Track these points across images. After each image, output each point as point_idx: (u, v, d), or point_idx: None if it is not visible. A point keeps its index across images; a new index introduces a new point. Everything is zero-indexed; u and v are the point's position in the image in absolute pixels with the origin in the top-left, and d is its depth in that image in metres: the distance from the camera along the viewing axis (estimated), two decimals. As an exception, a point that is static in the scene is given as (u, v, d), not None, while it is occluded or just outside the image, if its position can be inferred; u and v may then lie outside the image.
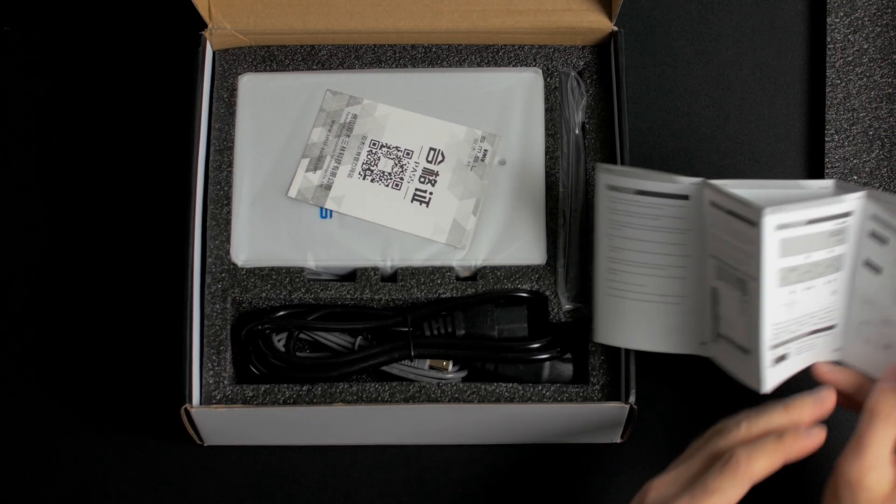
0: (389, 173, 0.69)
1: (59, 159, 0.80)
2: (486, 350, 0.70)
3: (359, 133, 0.68)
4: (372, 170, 0.69)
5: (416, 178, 0.69)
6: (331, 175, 0.69)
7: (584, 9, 0.76)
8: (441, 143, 0.68)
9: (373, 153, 0.68)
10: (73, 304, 0.77)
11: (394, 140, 0.68)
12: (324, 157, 0.68)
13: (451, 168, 0.72)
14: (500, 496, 0.74)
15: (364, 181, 0.69)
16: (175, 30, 0.80)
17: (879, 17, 0.81)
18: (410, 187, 0.69)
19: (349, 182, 0.69)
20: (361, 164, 0.68)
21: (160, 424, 0.74)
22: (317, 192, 0.69)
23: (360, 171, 0.68)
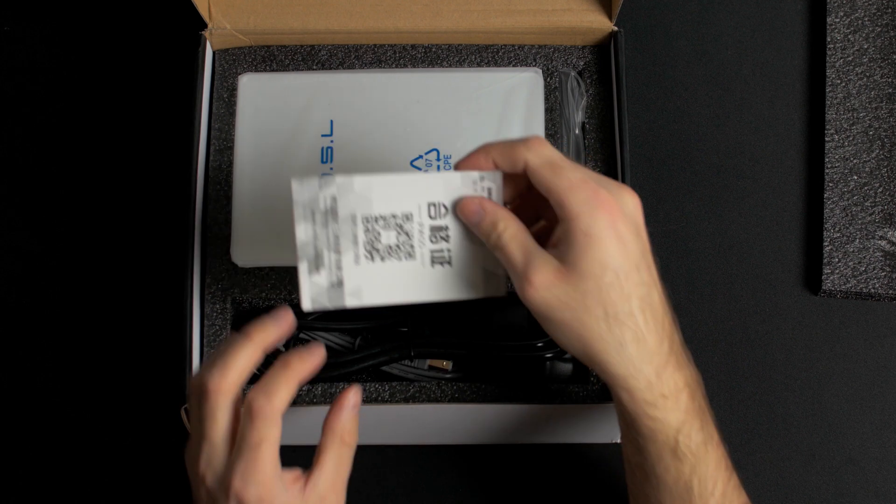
0: (397, 245, 0.61)
1: (59, 159, 0.80)
2: (486, 350, 0.70)
3: (346, 214, 0.59)
4: (377, 248, 0.60)
5: (427, 239, 0.60)
6: (336, 270, 0.60)
7: (584, 9, 0.76)
8: (438, 195, 0.60)
9: (370, 230, 0.60)
10: (72, 304, 0.77)
11: (386, 208, 0.60)
12: (320, 253, 0.60)
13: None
14: (499, 496, 0.74)
15: (374, 263, 0.60)
16: (175, 30, 0.80)
17: (879, 17, 0.81)
18: (424, 252, 0.60)
19: (359, 270, 0.60)
20: (363, 246, 0.60)
21: (160, 424, 0.74)
22: (331, 293, 0.61)
23: (365, 255, 0.60)
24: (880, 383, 0.76)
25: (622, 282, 0.56)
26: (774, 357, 0.76)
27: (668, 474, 0.59)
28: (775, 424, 0.75)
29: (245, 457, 0.56)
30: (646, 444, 0.58)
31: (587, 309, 0.56)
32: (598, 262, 0.55)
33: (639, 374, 0.57)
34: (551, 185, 0.57)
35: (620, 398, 0.58)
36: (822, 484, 0.74)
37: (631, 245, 0.57)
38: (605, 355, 0.57)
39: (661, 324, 0.58)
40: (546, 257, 0.57)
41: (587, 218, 0.55)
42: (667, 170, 0.80)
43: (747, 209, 0.79)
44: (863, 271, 0.76)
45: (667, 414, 0.58)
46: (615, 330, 0.56)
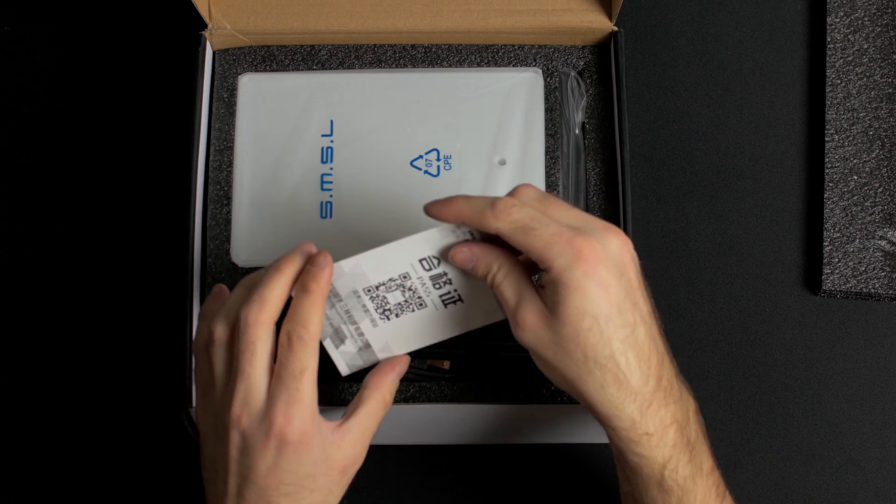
0: (406, 301, 0.62)
1: (59, 159, 0.80)
2: (485, 350, 0.70)
3: (347, 292, 0.61)
4: (388, 309, 0.62)
5: (431, 288, 0.62)
6: (359, 336, 0.63)
7: (584, 9, 0.76)
8: (425, 251, 0.60)
9: (375, 297, 0.62)
10: (72, 304, 0.77)
11: (382, 276, 0.61)
12: (338, 328, 0.62)
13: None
14: (499, 496, 0.74)
15: (391, 321, 0.63)
16: (175, 30, 0.80)
17: (879, 17, 0.81)
18: (434, 298, 0.62)
19: (380, 330, 0.63)
20: (374, 311, 0.62)
21: (160, 424, 0.74)
22: (362, 355, 0.64)
23: (379, 317, 0.62)
24: (880, 383, 0.76)
25: (602, 326, 0.57)
26: (774, 357, 0.76)
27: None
28: (775, 424, 0.75)
29: (288, 387, 0.57)
30: (633, 476, 0.60)
31: (568, 352, 0.57)
32: (575, 309, 0.56)
33: (621, 413, 0.58)
34: (528, 247, 0.58)
35: (607, 432, 0.60)
36: (822, 484, 0.74)
37: (613, 288, 0.57)
38: (587, 395, 0.58)
39: (646, 362, 0.58)
40: (533, 299, 0.58)
41: (565, 271, 0.56)
42: (667, 170, 0.80)
43: (747, 209, 0.79)
44: (863, 271, 0.76)
45: (651, 451, 0.59)
46: (595, 372, 0.57)
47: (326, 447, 0.58)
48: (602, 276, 0.57)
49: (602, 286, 0.57)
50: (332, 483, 0.59)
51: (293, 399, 0.57)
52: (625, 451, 0.59)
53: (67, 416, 0.75)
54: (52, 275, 0.78)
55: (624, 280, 0.58)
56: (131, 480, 0.74)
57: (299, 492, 0.58)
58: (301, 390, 0.57)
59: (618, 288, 0.57)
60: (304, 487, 0.58)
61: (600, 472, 0.74)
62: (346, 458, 0.59)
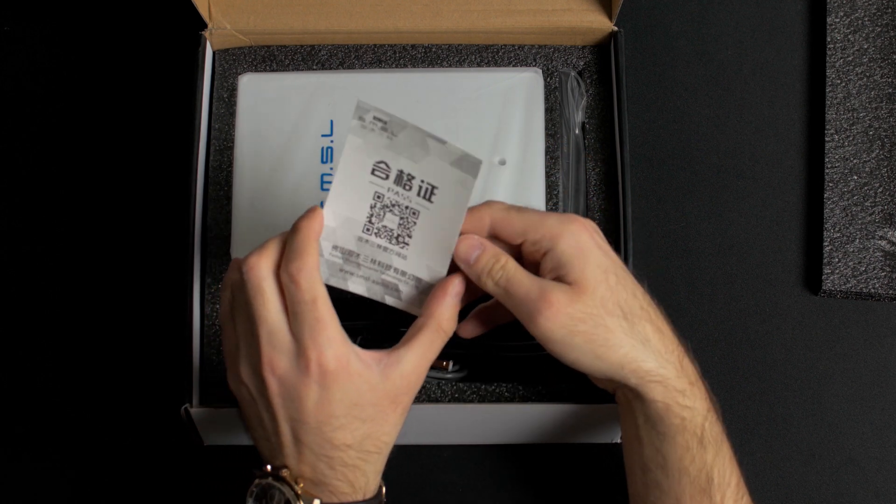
0: (402, 218, 0.62)
1: (60, 159, 0.80)
2: (485, 350, 0.70)
3: (352, 243, 0.61)
4: (398, 234, 0.62)
5: (406, 192, 0.61)
6: (403, 276, 0.63)
7: (584, 9, 0.76)
8: (365, 161, 0.60)
9: (379, 231, 0.61)
10: (72, 304, 0.77)
11: (362, 209, 0.61)
12: (383, 281, 0.62)
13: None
14: (499, 496, 0.74)
15: (411, 244, 0.62)
16: (175, 30, 0.80)
17: (879, 17, 0.81)
18: (418, 201, 0.61)
19: (412, 258, 0.62)
20: (391, 243, 0.62)
21: (160, 424, 0.74)
22: (424, 291, 0.63)
23: (399, 247, 0.62)
24: (880, 383, 0.76)
25: (623, 282, 0.59)
26: (774, 357, 0.76)
27: (692, 465, 0.60)
28: (775, 424, 0.75)
29: (307, 318, 0.56)
30: (676, 436, 0.60)
31: (609, 312, 0.59)
32: (599, 268, 0.59)
33: (667, 363, 0.60)
34: (524, 224, 0.60)
35: (652, 393, 0.60)
36: (822, 484, 0.74)
37: (611, 253, 0.60)
38: (634, 353, 0.59)
39: (666, 318, 0.61)
40: (552, 282, 0.59)
41: (570, 234, 0.59)
42: (667, 170, 0.80)
43: (747, 209, 0.79)
44: (863, 271, 0.76)
45: (696, 401, 0.60)
46: (637, 326, 0.59)
47: (370, 376, 0.57)
48: (599, 241, 0.60)
49: (604, 251, 0.60)
50: (382, 413, 0.58)
51: (317, 328, 0.56)
52: (672, 406, 0.60)
53: (67, 416, 0.75)
54: (52, 275, 0.78)
55: (613, 251, 0.61)
56: (132, 480, 0.74)
57: (351, 423, 0.57)
58: (321, 318, 0.56)
59: (614, 254, 0.61)
60: (355, 418, 0.57)
61: (601, 473, 0.74)
62: (395, 387, 0.58)
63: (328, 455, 0.58)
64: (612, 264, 0.60)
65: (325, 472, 0.58)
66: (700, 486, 0.60)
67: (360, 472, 0.58)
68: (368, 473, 0.59)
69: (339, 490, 0.58)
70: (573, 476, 0.74)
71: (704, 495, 0.60)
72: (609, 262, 0.60)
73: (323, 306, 0.56)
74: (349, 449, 0.58)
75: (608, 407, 0.68)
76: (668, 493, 0.61)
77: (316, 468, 0.58)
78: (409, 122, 0.59)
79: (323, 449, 0.57)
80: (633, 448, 0.63)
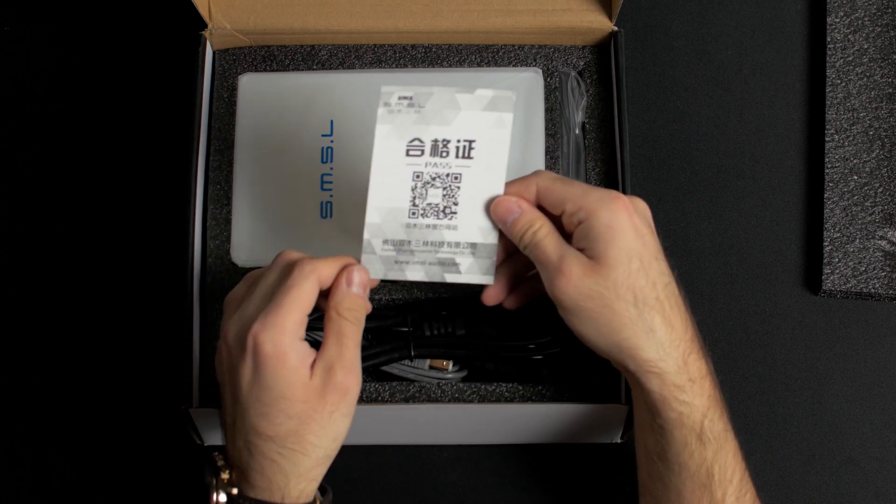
0: (446, 187, 0.62)
1: (59, 159, 0.80)
2: (486, 350, 0.70)
3: (401, 233, 0.62)
4: (444, 206, 0.62)
5: (445, 160, 0.61)
6: (458, 247, 0.63)
7: (584, 9, 0.76)
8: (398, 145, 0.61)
9: (425, 211, 0.62)
10: (72, 304, 0.77)
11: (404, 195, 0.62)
12: (440, 260, 0.63)
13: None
14: (499, 496, 0.74)
15: (459, 212, 0.62)
16: (175, 30, 0.80)
17: (879, 17, 0.81)
18: (458, 163, 0.62)
19: (463, 226, 0.63)
20: (439, 217, 0.62)
21: (160, 424, 0.74)
22: (482, 254, 0.63)
23: (448, 218, 0.62)
24: (880, 383, 0.76)
25: (647, 269, 0.60)
26: (774, 357, 0.76)
27: (692, 460, 0.60)
28: (775, 424, 0.75)
29: (274, 299, 0.57)
30: (673, 430, 0.60)
31: (619, 296, 0.59)
32: (624, 250, 0.59)
33: (668, 357, 0.60)
34: (567, 193, 0.61)
35: (649, 384, 0.60)
36: (822, 484, 0.74)
37: (648, 238, 0.61)
38: (635, 340, 0.59)
39: (684, 312, 0.61)
40: (577, 253, 0.60)
41: (607, 211, 0.59)
42: (667, 170, 0.80)
43: (747, 209, 0.79)
44: (863, 271, 0.76)
45: (694, 398, 0.60)
46: (645, 315, 0.59)
47: (303, 373, 0.57)
48: (638, 224, 0.60)
49: (640, 234, 0.60)
50: (311, 411, 0.57)
51: (272, 310, 0.57)
52: (669, 399, 0.60)
53: (67, 415, 0.75)
54: (52, 275, 0.78)
55: (654, 236, 0.61)
56: (131, 480, 0.74)
57: (277, 415, 0.57)
58: (283, 305, 0.57)
59: (651, 239, 0.61)
60: (281, 411, 0.57)
61: (601, 473, 0.74)
62: (321, 384, 0.58)
63: (250, 441, 0.58)
64: (641, 249, 0.59)
65: (247, 461, 0.58)
66: (700, 481, 0.60)
67: (279, 468, 0.58)
68: (289, 474, 0.58)
69: (256, 483, 0.58)
70: (573, 476, 0.74)
71: (705, 490, 0.60)
72: (639, 247, 0.59)
73: (293, 296, 0.57)
74: (270, 441, 0.57)
75: (608, 407, 0.68)
76: (669, 485, 0.61)
77: (241, 454, 0.58)
78: (433, 87, 0.59)
79: (247, 434, 0.58)
80: (640, 435, 0.63)
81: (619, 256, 0.59)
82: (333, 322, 0.59)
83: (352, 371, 0.59)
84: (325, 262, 0.59)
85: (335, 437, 0.59)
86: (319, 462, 0.59)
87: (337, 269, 0.60)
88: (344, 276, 0.60)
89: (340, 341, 0.59)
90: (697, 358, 0.61)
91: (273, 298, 0.58)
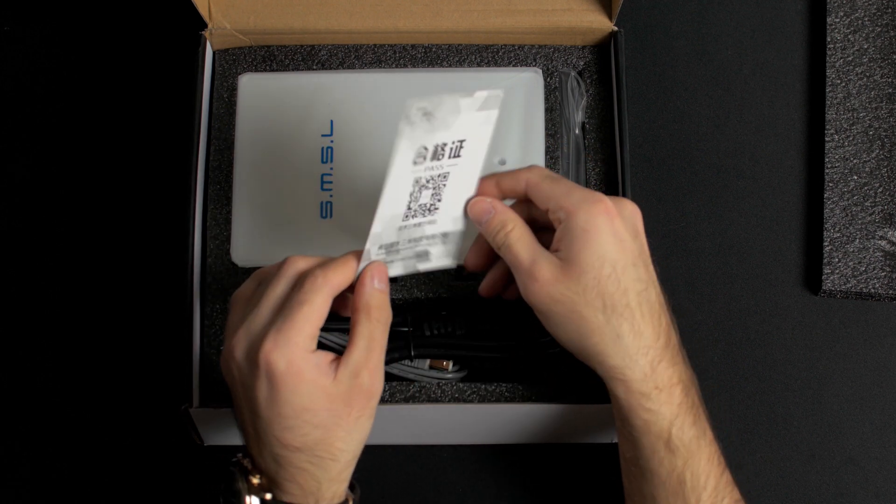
0: (434, 188, 0.62)
1: (60, 159, 0.80)
2: (486, 350, 0.70)
3: (392, 237, 0.62)
4: (429, 204, 0.63)
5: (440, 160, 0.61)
6: (433, 239, 0.64)
7: (584, 9, 0.76)
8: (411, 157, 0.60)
9: (417, 212, 0.62)
10: (72, 304, 0.77)
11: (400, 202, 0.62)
12: (417, 254, 0.63)
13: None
14: (499, 496, 0.74)
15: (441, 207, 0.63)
16: (175, 30, 0.80)
17: (879, 17, 0.81)
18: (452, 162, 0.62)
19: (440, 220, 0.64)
20: (424, 215, 0.62)
21: (160, 424, 0.74)
22: (449, 242, 0.64)
23: (430, 213, 0.63)
24: (880, 383, 0.76)
25: (619, 275, 0.59)
26: (774, 357, 0.76)
27: (661, 467, 0.60)
28: (775, 424, 0.75)
29: (284, 314, 0.56)
30: (640, 438, 0.60)
31: (587, 302, 0.58)
32: (596, 255, 0.58)
33: (634, 364, 0.59)
34: (551, 192, 0.60)
35: (616, 391, 0.60)
36: (822, 484, 0.74)
37: (628, 244, 0.59)
38: (602, 346, 0.59)
39: (657, 320, 0.60)
40: (549, 256, 0.59)
41: (584, 214, 0.59)
42: (667, 170, 0.80)
43: (747, 209, 0.79)
44: (863, 271, 0.76)
45: (660, 406, 0.59)
46: (613, 321, 0.59)
47: (324, 382, 0.57)
48: (618, 228, 0.59)
49: (618, 238, 0.59)
50: (337, 418, 0.57)
51: (284, 327, 0.56)
52: (635, 407, 0.60)
53: (67, 415, 0.75)
54: (52, 275, 0.78)
55: (637, 242, 0.60)
56: (131, 480, 0.74)
57: (302, 426, 0.56)
58: (294, 320, 0.56)
59: (632, 244, 0.60)
60: (306, 422, 0.57)
61: (601, 473, 0.74)
62: (346, 390, 0.57)
63: (277, 453, 0.57)
64: (616, 254, 0.59)
65: (276, 470, 0.58)
66: (672, 488, 0.60)
67: (310, 475, 0.58)
68: (320, 479, 0.58)
69: (289, 490, 0.58)
70: (573, 476, 0.74)
71: (678, 497, 0.60)
72: (614, 252, 0.59)
73: (305, 312, 0.56)
74: (298, 452, 0.57)
75: (608, 407, 0.68)
76: (644, 492, 0.61)
77: (269, 464, 0.58)
78: (444, 95, 0.59)
79: (273, 447, 0.57)
80: (619, 439, 0.63)
81: (590, 261, 0.58)
82: (363, 326, 0.59)
83: (377, 374, 0.59)
84: (335, 269, 0.58)
85: (361, 439, 0.59)
86: (349, 464, 0.59)
87: (348, 275, 0.59)
88: (369, 275, 0.60)
89: (370, 346, 0.58)
90: (668, 366, 0.60)
91: (283, 313, 0.57)
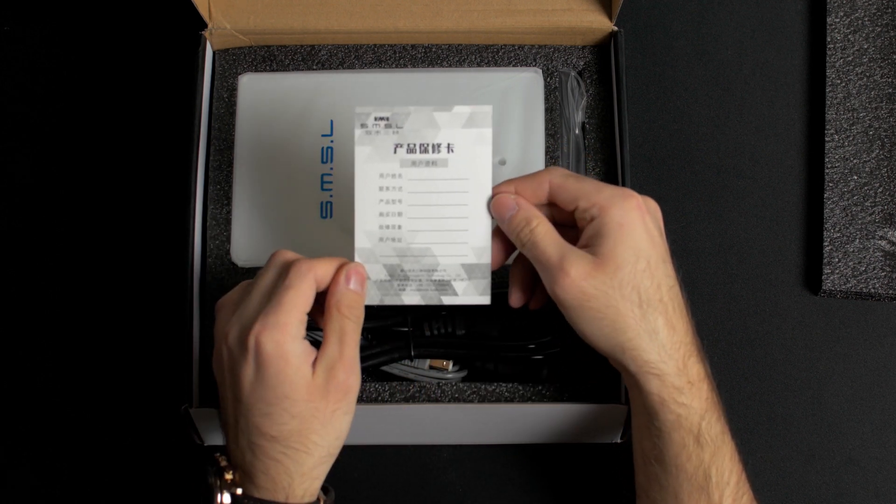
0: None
1: (59, 159, 0.80)
2: (485, 350, 0.70)
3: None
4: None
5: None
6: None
7: (584, 9, 0.76)
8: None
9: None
10: (72, 304, 0.77)
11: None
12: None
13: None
14: (499, 496, 0.74)
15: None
16: (175, 30, 0.80)
17: (879, 17, 0.81)
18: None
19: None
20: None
21: (160, 424, 0.74)
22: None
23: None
24: (880, 383, 0.76)
25: (653, 270, 0.59)
26: (774, 357, 0.76)
27: (689, 463, 0.60)
28: (775, 424, 0.75)
29: (274, 298, 0.57)
30: (671, 433, 0.60)
31: (624, 296, 0.59)
32: (633, 250, 0.59)
33: (669, 359, 0.60)
34: (580, 190, 0.61)
35: (648, 386, 0.60)
36: (822, 484, 0.74)
37: (657, 240, 0.60)
38: (637, 341, 0.59)
39: (686, 316, 0.61)
40: (579, 251, 0.60)
41: (619, 209, 0.59)
42: (667, 170, 0.80)
43: (747, 209, 0.79)
44: (863, 271, 0.76)
45: (692, 400, 0.60)
46: (649, 316, 0.59)
47: (306, 372, 0.57)
48: (649, 224, 0.60)
49: (650, 234, 0.60)
50: (314, 410, 0.58)
51: (272, 309, 0.57)
52: (668, 401, 0.60)
53: (67, 415, 0.75)
54: (52, 275, 0.78)
55: (662, 238, 0.61)
56: (131, 480, 0.74)
57: (280, 415, 0.57)
58: (283, 303, 0.57)
59: (661, 240, 0.61)
60: (285, 410, 0.57)
61: (601, 473, 0.74)
62: (323, 383, 0.58)
63: (254, 442, 0.58)
64: (650, 249, 0.59)
65: (251, 461, 0.58)
66: (698, 483, 0.60)
67: (283, 468, 0.58)
68: (293, 473, 0.58)
69: (260, 483, 0.58)
70: (573, 476, 0.74)
71: (702, 493, 0.60)
72: (647, 247, 0.59)
73: (293, 296, 0.57)
74: (274, 441, 0.57)
75: (609, 407, 0.68)
76: (667, 488, 0.61)
77: (244, 455, 0.58)
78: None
79: (250, 434, 0.58)
80: (637, 438, 0.63)
81: (627, 256, 0.59)
82: (334, 321, 0.59)
83: (352, 370, 0.59)
84: (320, 262, 0.59)
85: (338, 436, 0.59)
86: (322, 460, 0.59)
87: (333, 269, 0.60)
88: (343, 274, 0.60)
89: (342, 340, 0.59)
90: (696, 361, 0.61)
91: (272, 298, 0.58)
